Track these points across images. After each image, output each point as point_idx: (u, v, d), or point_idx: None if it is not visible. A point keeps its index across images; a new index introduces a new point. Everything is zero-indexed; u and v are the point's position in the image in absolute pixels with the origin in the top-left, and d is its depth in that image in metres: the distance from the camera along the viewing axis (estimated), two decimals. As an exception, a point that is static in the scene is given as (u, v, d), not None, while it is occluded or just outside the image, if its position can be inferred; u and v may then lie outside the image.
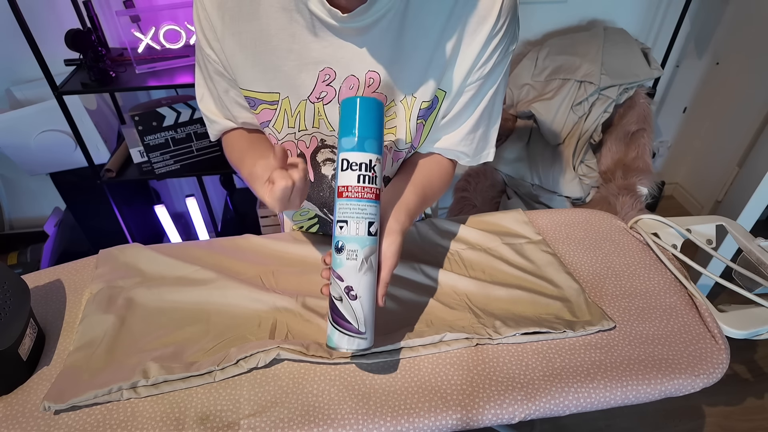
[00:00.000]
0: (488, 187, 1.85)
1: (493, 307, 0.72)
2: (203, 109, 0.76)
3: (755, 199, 1.70)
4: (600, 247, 0.85)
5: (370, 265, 0.57)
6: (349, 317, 0.56)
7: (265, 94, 0.67)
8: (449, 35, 0.62)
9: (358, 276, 0.56)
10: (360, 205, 0.56)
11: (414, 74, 0.65)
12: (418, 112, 0.68)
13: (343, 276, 0.56)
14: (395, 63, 0.64)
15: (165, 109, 1.45)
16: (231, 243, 0.86)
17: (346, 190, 0.56)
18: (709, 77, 2.09)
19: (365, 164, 0.56)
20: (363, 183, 0.56)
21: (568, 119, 1.74)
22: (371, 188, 0.57)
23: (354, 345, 0.57)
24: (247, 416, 0.58)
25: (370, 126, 0.56)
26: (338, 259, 0.57)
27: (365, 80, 0.65)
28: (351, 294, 0.56)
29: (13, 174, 1.83)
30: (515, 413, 0.60)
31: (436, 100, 0.68)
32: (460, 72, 0.65)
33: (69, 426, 0.57)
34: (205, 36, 0.64)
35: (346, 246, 0.56)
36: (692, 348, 0.66)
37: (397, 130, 0.70)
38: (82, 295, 0.75)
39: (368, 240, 0.57)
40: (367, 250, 0.57)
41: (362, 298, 0.57)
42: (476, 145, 0.75)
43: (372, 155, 0.57)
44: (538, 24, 1.88)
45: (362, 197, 0.56)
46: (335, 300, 0.57)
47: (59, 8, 1.49)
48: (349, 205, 0.56)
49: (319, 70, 0.64)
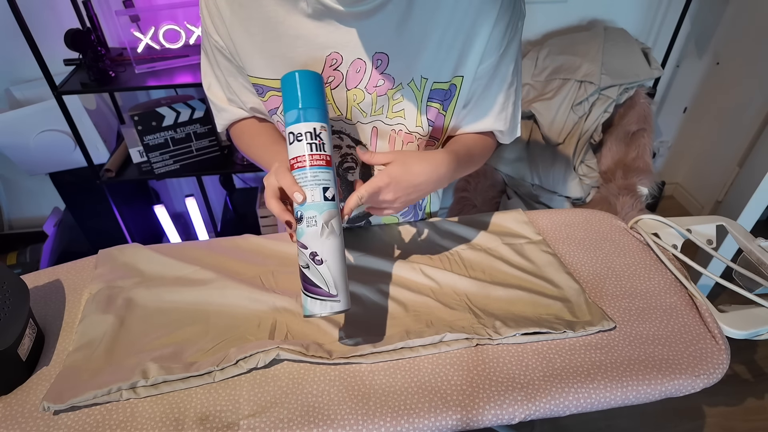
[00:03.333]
0: (488, 187, 1.85)
1: (493, 308, 0.71)
2: (211, 97, 0.76)
3: (755, 199, 1.70)
4: (600, 247, 0.85)
5: (331, 229, 0.58)
6: (318, 282, 0.57)
7: (273, 80, 0.67)
8: (459, 16, 0.62)
9: (321, 240, 0.57)
10: (312, 172, 0.58)
11: (424, 56, 0.65)
12: (429, 93, 0.68)
13: (307, 243, 0.58)
14: (404, 45, 0.64)
15: (164, 109, 1.45)
16: (230, 243, 0.86)
17: (296, 161, 0.58)
18: (709, 77, 2.09)
19: (310, 133, 0.58)
20: (311, 151, 0.58)
21: (568, 119, 1.74)
22: (320, 155, 0.58)
23: (327, 308, 0.58)
24: (247, 416, 0.57)
25: (311, 96, 0.58)
26: (300, 229, 0.58)
27: (373, 62, 0.65)
28: (317, 259, 0.57)
29: (12, 174, 1.83)
30: (515, 413, 0.60)
31: (454, 87, 0.68)
32: (476, 54, 0.65)
33: (68, 426, 0.57)
34: (213, 23, 0.65)
35: (305, 214, 0.58)
36: (692, 348, 0.66)
37: (405, 113, 0.70)
38: (81, 296, 0.75)
39: (325, 205, 0.58)
40: (326, 215, 0.58)
41: (328, 262, 0.58)
42: (509, 123, 0.76)
43: (316, 124, 0.58)
44: (538, 24, 1.88)
45: (313, 165, 0.58)
46: (302, 269, 0.58)
47: (59, 8, 1.49)
48: (302, 174, 0.58)
49: (326, 55, 0.64)
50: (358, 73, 0.66)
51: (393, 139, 0.73)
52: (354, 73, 0.66)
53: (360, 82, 0.67)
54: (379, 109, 0.70)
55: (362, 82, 0.67)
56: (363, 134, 0.73)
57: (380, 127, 0.72)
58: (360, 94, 0.68)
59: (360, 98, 0.68)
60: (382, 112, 0.70)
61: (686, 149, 2.29)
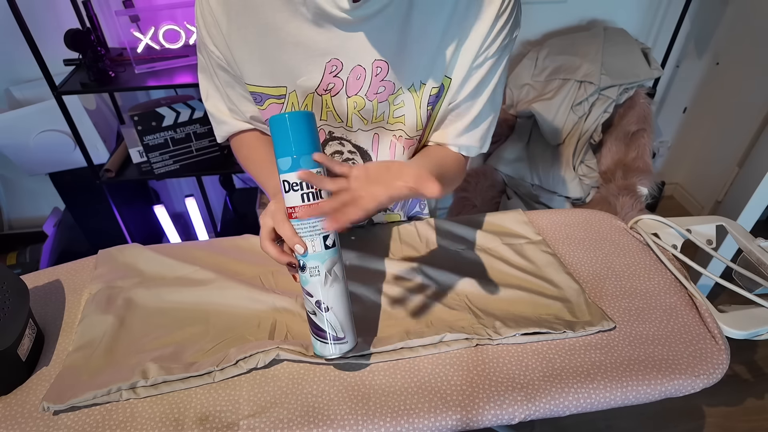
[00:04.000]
0: (488, 187, 1.85)
1: (493, 308, 0.71)
2: (210, 108, 0.75)
3: (755, 199, 1.70)
4: (600, 247, 0.85)
5: (334, 276, 0.58)
6: (326, 327, 0.58)
7: (271, 88, 0.67)
8: (456, 21, 0.62)
9: (325, 289, 0.58)
10: (310, 223, 0.56)
11: (423, 61, 0.65)
12: (428, 99, 0.68)
13: (311, 292, 0.58)
14: (403, 50, 0.63)
15: (164, 109, 1.45)
16: (230, 243, 0.86)
17: (294, 211, 0.56)
18: (709, 77, 2.09)
19: (305, 183, 0.55)
20: (308, 201, 0.56)
21: (568, 119, 1.74)
22: (317, 204, 0.56)
23: (337, 350, 0.59)
24: (247, 417, 0.57)
25: (304, 142, 0.55)
26: (304, 277, 0.58)
27: (372, 69, 0.65)
28: (323, 307, 0.58)
29: (12, 174, 1.83)
30: (515, 414, 0.60)
31: (443, 87, 0.68)
32: (466, 58, 0.65)
33: (68, 426, 0.57)
34: (209, 33, 0.64)
35: (308, 264, 0.57)
36: (692, 348, 0.66)
37: (406, 118, 0.70)
38: (81, 296, 0.75)
39: (327, 254, 0.57)
40: (328, 264, 0.57)
41: (334, 308, 0.58)
42: (482, 134, 0.74)
43: (311, 171, 0.56)
44: (538, 24, 1.88)
45: (310, 215, 0.56)
46: (310, 315, 0.59)
47: (58, 8, 1.49)
48: (300, 225, 0.56)
49: (325, 61, 0.64)
50: (358, 80, 0.65)
51: (394, 144, 0.73)
52: (354, 80, 0.65)
53: (360, 89, 0.66)
54: (380, 116, 0.70)
55: (362, 89, 0.66)
56: (364, 141, 0.73)
57: (381, 133, 0.72)
58: (360, 101, 0.67)
59: (360, 105, 0.68)
60: (383, 119, 0.70)
61: (686, 149, 2.29)
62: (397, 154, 0.74)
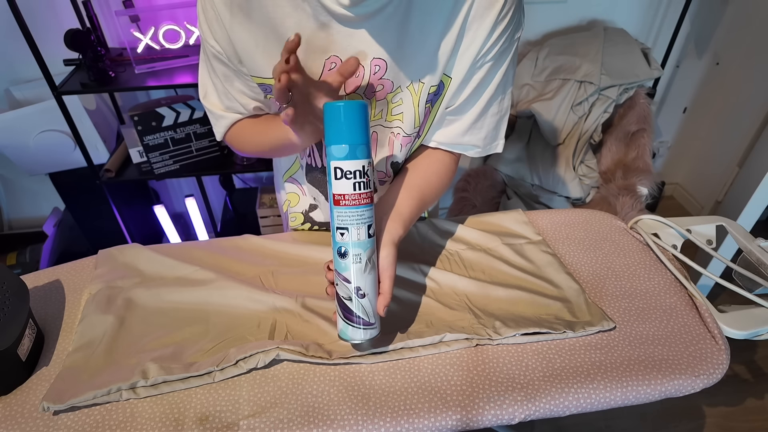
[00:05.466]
0: (488, 187, 1.85)
1: (493, 308, 0.71)
2: (208, 105, 0.75)
3: (755, 200, 1.70)
4: (600, 247, 0.85)
5: (372, 264, 0.60)
6: (361, 313, 0.60)
7: None
8: (456, 20, 0.62)
9: (364, 276, 0.59)
10: (358, 211, 0.58)
11: (421, 60, 0.65)
12: (426, 97, 0.68)
13: (350, 278, 0.59)
14: (402, 49, 0.64)
15: (164, 109, 1.45)
16: (230, 243, 0.85)
17: (343, 199, 0.58)
18: (709, 77, 2.09)
19: (359, 171, 0.57)
20: (359, 190, 0.57)
21: (568, 119, 1.74)
22: (367, 193, 0.58)
23: (367, 335, 0.61)
24: (247, 417, 0.57)
25: (360, 132, 0.57)
26: (343, 263, 0.59)
27: (371, 67, 0.65)
28: (360, 293, 0.59)
29: (12, 174, 1.83)
30: (515, 414, 0.60)
31: (442, 85, 0.68)
32: (467, 58, 0.65)
33: (68, 426, 0.57)
34: (210, 27, 0.64)
35: (350, 251, 0.58)
36: (692, 348, 0.66)
37: (404, 116, 0.70)
38: (81, 296, 0.75)
39: (369, 242, 0.60)
40: (369, 252, 0.59)
41: (369, 295, 0.60)
42: (485, 134, 0.75)
43: (364, 161, 0.58)
44: (538, 24, 1.88)
45: (360, 204, 0.58)
46: (344, 300, 0.60)
47: (58, 8, 1.49)
48: (348, 213, 0.58)
49: (325, 58, 0.64)
50: (357, 78, 0.66)
51: (392, 142, 0.73)
52: (353, 78, 0.66)
53: (359, 87, 0.67)
54: (378, 114, 0.70)
55: (361, 87, 0.67)
56: None
57: (379, 131, 0.72)
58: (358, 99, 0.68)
59: None
60: (381, 116, 0.71)
61: (686, 149, 2.29)
62: (395, 151, 0.75)
